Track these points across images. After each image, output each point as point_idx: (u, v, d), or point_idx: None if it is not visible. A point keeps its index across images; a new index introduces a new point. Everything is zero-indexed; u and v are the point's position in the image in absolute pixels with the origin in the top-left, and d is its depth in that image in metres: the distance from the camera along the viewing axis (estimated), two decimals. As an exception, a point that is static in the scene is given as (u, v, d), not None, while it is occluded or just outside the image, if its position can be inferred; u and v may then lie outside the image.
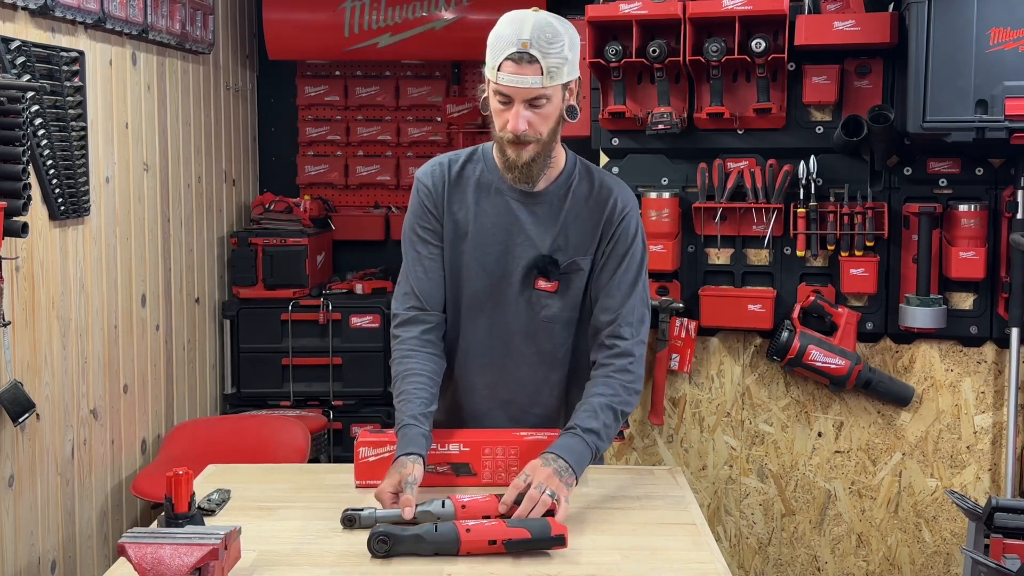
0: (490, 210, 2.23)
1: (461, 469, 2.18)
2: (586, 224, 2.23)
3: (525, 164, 2.14)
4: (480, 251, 2.23)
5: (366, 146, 5.02)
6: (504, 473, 2.18)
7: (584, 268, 2.23)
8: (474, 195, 2.24)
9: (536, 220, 2.22)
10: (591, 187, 2.24)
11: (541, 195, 2.22)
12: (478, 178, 2.25)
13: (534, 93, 2.07)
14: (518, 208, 2.23)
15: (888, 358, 3.26)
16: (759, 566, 3.39)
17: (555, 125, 2.14)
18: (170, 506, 1.83)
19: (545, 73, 2.05)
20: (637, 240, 2.24)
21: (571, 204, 2.23)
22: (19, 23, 2.76)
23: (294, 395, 4.41)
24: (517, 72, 2.05)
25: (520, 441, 2.19)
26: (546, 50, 2.05)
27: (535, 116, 2.09)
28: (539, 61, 2.04)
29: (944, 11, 2.82)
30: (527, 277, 2.23)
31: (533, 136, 2.11)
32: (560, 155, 2.24)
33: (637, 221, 2.26)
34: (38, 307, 2.84)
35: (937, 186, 3.17)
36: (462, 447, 2.18)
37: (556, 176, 2.23)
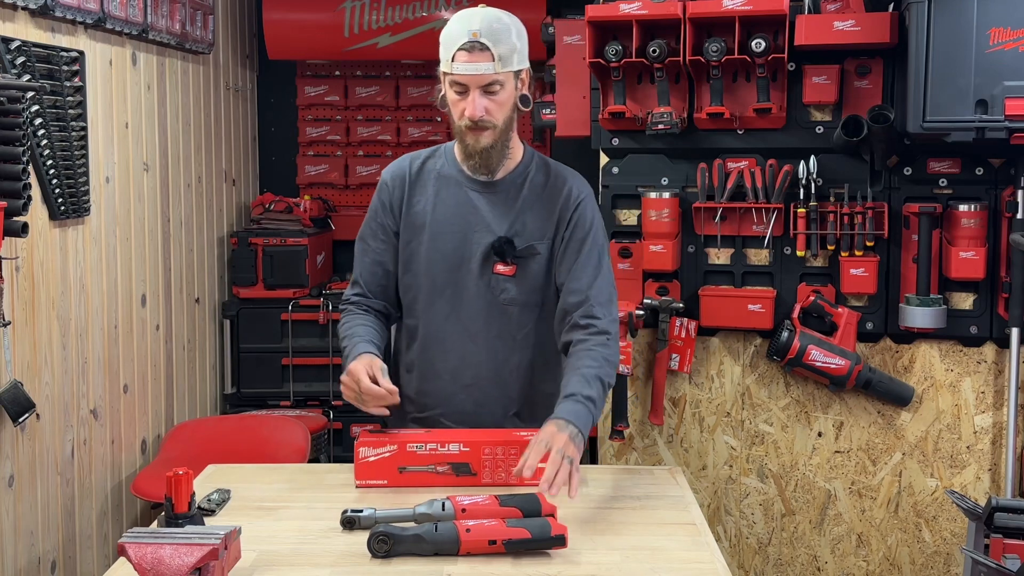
0: (449, 200, 2.36)
1: (461, 469, 2.19)
2: (542, 211, 2.35)
3: (484, 150, 2.29)
4: (439, 239, 2.35)
5: (366, 146, 5.02)
6: (504, 473, 2.18)
7: (542, 253, 2.34)
8: (434, 187, 2.38)
9: (493, 207, 2.35)
10: (547, 177, 2.38)
11: (499, 184, 2.36)
12: (439, 171, 2.40)
13: (488, 79, 2.22)
14: (476, 197, 2.36)
15: (888, 358, 3.26)
16: (759, 566, 3.39)
17: (510, 113, 2.29)
18: (170, 506, 1.83)
19: (496, 59, 2.21)
20: (595, 226, 2.36)
21: (528, 192, 2.36)
22: (19, 23, 2.76)
23: (294, 395, 4.41)
24: (470, 60, 2.21)
25: (520, 441, 2.19)
26: (496, 39, 2.21)
27: (490, 103, 2.24)
28: (490, 49, 2.20)
29: (944, 11, 2.82)
30: (486, 262, 2.34)
31: (490, 122, 2.25)
32: (517, 147, 2.38)
33: (593, 208, 2.38)
34: (38, 307, 2.84)
35: (937, 186, 3.17)
36: (462, 447, 2.19)
37: (514, 167, 2.37)
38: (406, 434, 2.25)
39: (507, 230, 2.33)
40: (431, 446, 2.19)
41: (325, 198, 4.91)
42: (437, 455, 2.18)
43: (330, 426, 4.31)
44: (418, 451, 2.19)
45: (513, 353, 2.37)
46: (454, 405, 2.38)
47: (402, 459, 2.19)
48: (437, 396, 2.40)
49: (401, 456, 2.19)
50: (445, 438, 2.21)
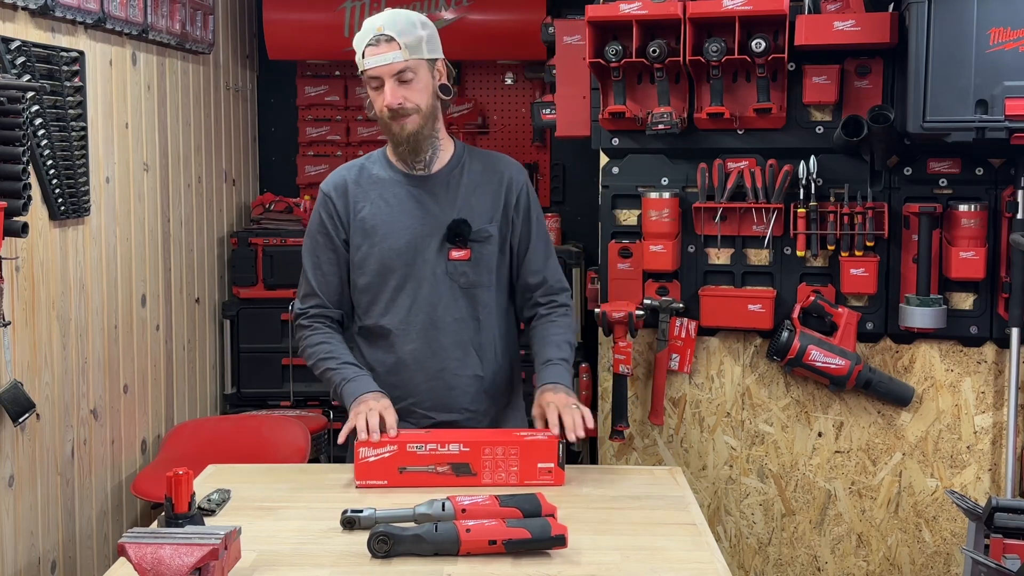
0: (392, 200, 2.47)
1: (461, 469, 2.19)
2: (486, 194, 2.49)
3: (410, 135, 2.40)
4: (390, 238, 2.45)
5: (366, 146, 5.01)
6: (504, 473, 2.18)
7: (493, 234, 2.48)
8: (376, 191, 2.49)
9: (437, 200, 2.48)
10: (483, 163, 2.53)
11: (436, 177, 2.49)
12: (376, 175, 2.51)
13: (398, 67, 2.34)
14: (418, 193, 2.47)
15: (888, 358, 3.26)
16: (759, 566, 3.39)
17: (431, 100, 2.41)
18: (170, 506, 1.83)
19: (403, 48, 2.34)
20: (537, 206, 2.57)
21: (468, 179, 2.50)
22: (19, 23, 2.76)
23: (294, 395, 4.41)
24: (377, 53, 2.34)
25: (520, 441, 2.20)
26: (399, 30, 2.35)
27: (407, 90, 2.36)
28: (395, 39, 2.34)
29: (944, 11, 2.82)
30: (440, 251, 2.45)
31: (411, 107, 2.37)
32: (448, 140, 2.53)
33: (532, 189, 2.58)
34: (38, 307, 2.84)
35: (937, 186, 3.17)
36: (462, 447, 2.19)
37: (448, 159, 2.51)
38: (406, 434, 2.25)
39: (454, 217, 2.45)
40: (431, 446, 2.19)
41: (325, 198, 4.90)
42: (437, 455, 2.19)
43: (330, 426, 4.30)
44: (418, 451, 2.19)
45: (477, 333, 2.49)
46: (425, 392, 2.47)
47: (402, 459, 2.19)
48: (407, 387, 2.47)
49: (401, 456, 2.19)
50: (445, 438, 2.21)
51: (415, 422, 2.47)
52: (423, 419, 2.47)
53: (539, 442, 2.20)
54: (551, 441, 2.20)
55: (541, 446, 2.19)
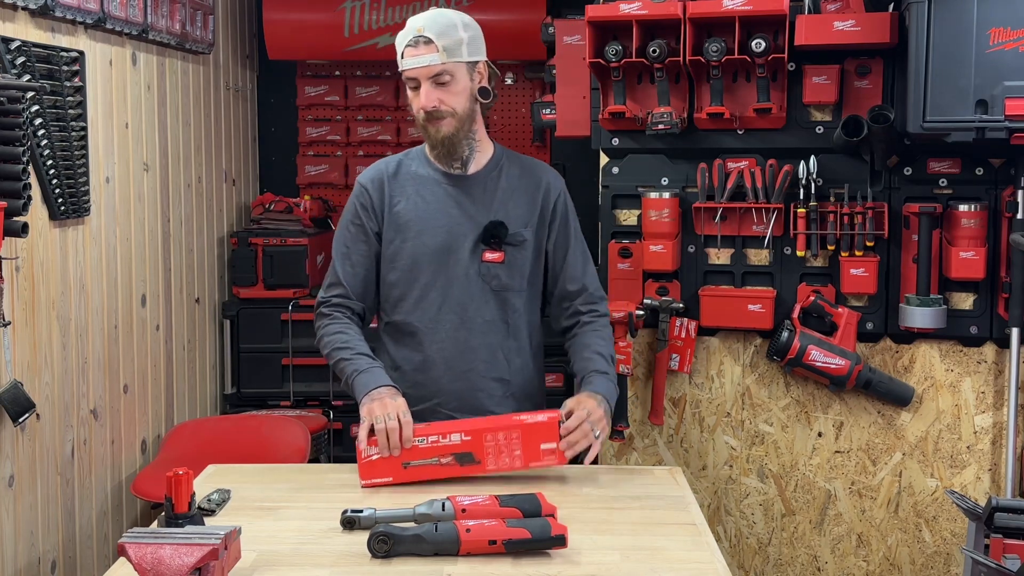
0: (429, 197, 2.45)
1: (465, 459, 2.18)
2: (523, 198, 2.48)
3: (445, 138, 2.38)
4: (424, 235, 2.43)
5: (366, 146, 5.02)
6: (508, 458, 2.17)
7: (528, 239, 2.45)
8: (413, 187, 2.46)
9: (473, 201, 2.44)
10: (521, 168, 2.51)
11: (474, 178, 2.46)
12: (414, 171, 2.48)
13: (435, 70, 2.32)
14: (455, 192, 2.45)
15: (888, 358, 3.26)
16: (759, 566, 3.39)
17: (468, 103, 2.39)
18: (170, 506, 1.83)
19: (441, 51, 2.31)
20: (574, 214, 2.55)
21: (505, 183, 2.46)
22: (19, 23, 2.76)
23: (294, 395, 4.41)
24: (415, 55, 2.33)
25: (521, 425, 2.19)
26: (439, 31, 2.32)
27: (443, 93, 2.35)
28: (434, 41, 2.31)
29: (944, 11, 2.82)
30: (475, 252, 2.42)
31: (446, 110, 2.36)
32: (487, 142, 2.51)
33: (569, 197, 2.55)
34: (38, 307, 2.84)
35: (937, 186, 3.17)
36: (463, 436, 2.18)
37: (486, 161, 2.49)
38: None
39: (490, 219, 2.43)
40: (433, 438, 2.19)
41: (325, 198, 4.91)
42: (440, 447, 2.19)
43: (330, 426, 4.30)
44: (420, 444, 2.19)
45: (507, 337, 2.46)
46: (451, 393, 2.44)
47: (405, 454, 2.19)
48: (433, 387, 2.45)
49: (404, 451, 2.19)
50: (445, 429, 2.21)
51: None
52: (447, 419, 2.41)
53: (540, 424, 2.19)
54: (552, 422, 2.20)
55: (542, 428, 2.19)
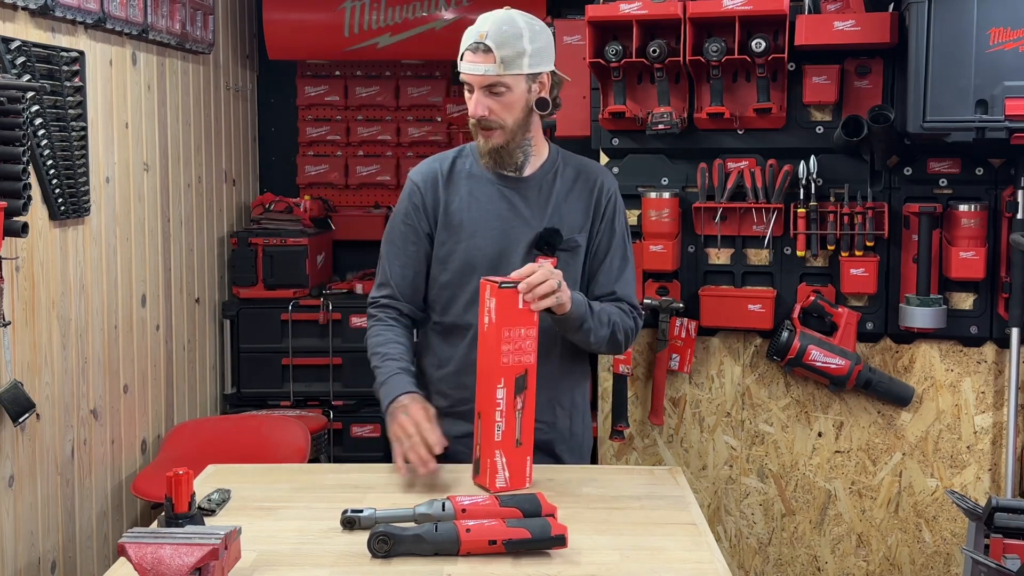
0: (483, 198, 2.38)
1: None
2: (577, 203, 2.39)
3: (492, 150, 2.33)
4: (477, 236, 2.36)
5: (366, 146, 5.02)
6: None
7: (582, 245, 2.38)
8: (466, 186, 2.39)
9: (528, 203, 2.37)
10: (577, 171, 2.42)
11: (529, 180, 2.39)
12: (468, 170, 2.41)
13: (489, 80, 2.24)
14: (509, 194, 2.38)
15: (888, 358, 3.26)
16: (759, 566, 3.39)
17: (521, 115, 2.31)
18: (170, 506, 1.83)
19: (499, 62, 2.23)
20: (623, 219, 2.45)
21: (560, 186, 2.39)
22: (19, 23, 2.76)
23: (294, 395, 4.41)
24: (473, 61, 2.24)
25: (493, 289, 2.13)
26: (500, 41, 2.23)
27: (495, 103, 2.27)
28: (493, 51, 2.22)
29: (944, 11, 2.82)
30: (528, 256, 2.34)
31: (496, 122, 2.28)
32: (543, 145, 2.42)
33: (621, 200, 2.46)
34: (38, 307, 2.84)
35: (937, 186, 3.17)
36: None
37: (541, 163, 2.40)
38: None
39: (545, 224, 2.36)
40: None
41: (325, 198, 4.91)
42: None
43: (330, 426, 4.31)
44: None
45: (555, 345, 2.37)
46: None
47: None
48: (471, 388, 2.32)
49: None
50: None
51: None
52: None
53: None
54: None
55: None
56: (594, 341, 2.31)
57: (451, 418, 2.41)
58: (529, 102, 2.31)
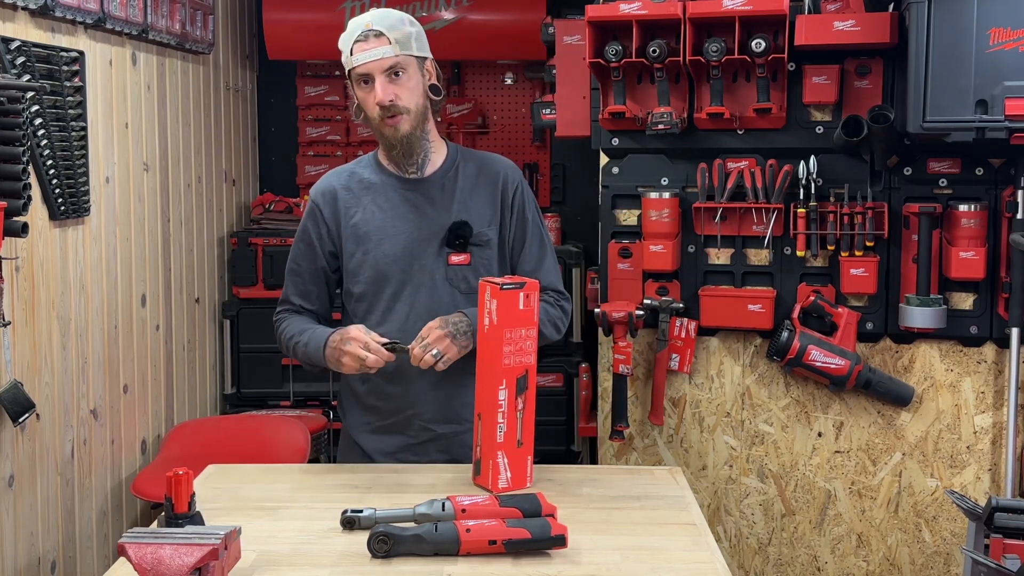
0: (386, 205, 2.40)
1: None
2: (482, 197, 2.42)
3: (404, 137, 2.33)
4: (385, 243, 2.37)
5: (366, 146, 5.01)
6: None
7: (492, 238, 2.40)
8: (367, 197, 2.41)
9: (432, 203, 2.39)
10: (478, 166, 2.45)
11: (430, 180, 2.41)
12: (367, 180, 2.42)
13: (389, 62, 2.27)
14: (412, 197, 2.40)
15: (888, 358, 3.26)
16: (759, 566, 3.39)
17: (421, 100, 2.34)
18: (170, 506, 1.83)
19: (393, 43, 2.27)
20: (534, 207, 2.48)
21: (463, 183, 2.41)
22: (19, 23, 2.76)
23: (294, 395, 4.41)
24: (367, 48, 2.28)
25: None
26: (388, 25, 2.29)
27: (397, 87, 2.29)
28: (385, 34, 2.27)
29: (944, 11, 2.82)
30: (439, 256, 2.37)
31: (402, 107, 2.30)
32: (440, 142, 2.45)
33: (528, 189, 2.49)
34: (38, 307, 2.84)
35: (937, 186, 3.17)
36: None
37: (441, 162, 2.43)
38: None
39: (452, 220, 2.38)
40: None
41: (325, 198, 4.90)
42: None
43: (330, 426, 4.30)
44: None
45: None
46: (426, 403, 2.39)
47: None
48: (407, 397, 2.39)
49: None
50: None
51: (414, 435, 2.41)
52: (423, 431, 2.40)
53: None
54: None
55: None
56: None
57: (382, 434, 2.42)
58: (424, 87, 2.35)
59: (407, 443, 2.42)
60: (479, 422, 2.14)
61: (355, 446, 2.47)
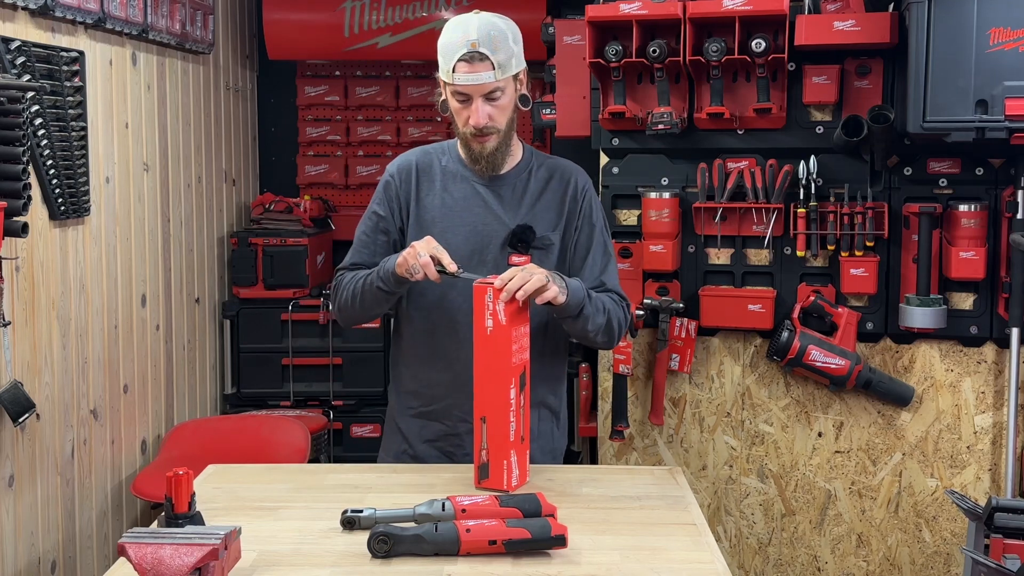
0: (457, 194, 2.40)
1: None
2: (551, 202, 2.41)
3: (490, 154, 2.34)
4: (449, 232, 2.37)
5: (366, 146, 5.02)
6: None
7: (555, 243, 2.39)
8: (441, 182, 2.42)
9: (502, 201, 2.39)
10: (551, 171, 2.45)
11: (504, 178, 2.41)
12: (444, 167, 2.43)
13: (490, 88, 2.27)
14: (484, 192, 2.40)
15: (888, 358, 3.26)
16: (759, 566, 3.39)
17: (512, 115, 2.36)
18: (170, 506, 1.83)
19: (496, 67, 2.25)
20: (600, 214, 2.47)
21: (534, 185, 2.41)
22: (19, 23, 2.76)
23: (294, 395, 4.41)
24: (471, 71, 2.25)
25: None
26: (494, 47, 2.25)
27: (493, 109, 2.30)
28: (489, 57, 2.24)
29: (944, 11, 2.82)
30: (501, 254, 2.36)
31: (494, 127, 2.31)
32: (518, 145, 2.45)
33: (596, 196, 2.48)
34: (38, 307, 2.84)
35: (937, 186, 3.17)
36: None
37: (516, 162, 2.43)
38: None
39: (519, 222, 2.38)
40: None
41: (325, 198, 4.91)
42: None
43: (330, 426, 4.31)
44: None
45: (534, 345, 2.33)
46: (468, 393, 2.33)
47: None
48: (449, 386, 2.38)
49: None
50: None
51: (452, 425, 2.39)
52: (461, 422, 2.38)
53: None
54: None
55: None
56: (591, 329, 2.31)
57: (423, 419, 2.43)
58: (516, 101, 2.35)
59: (446, 432, 2.41)
60: (483, 425, 2.15)
61: (396, 430, 2.48)
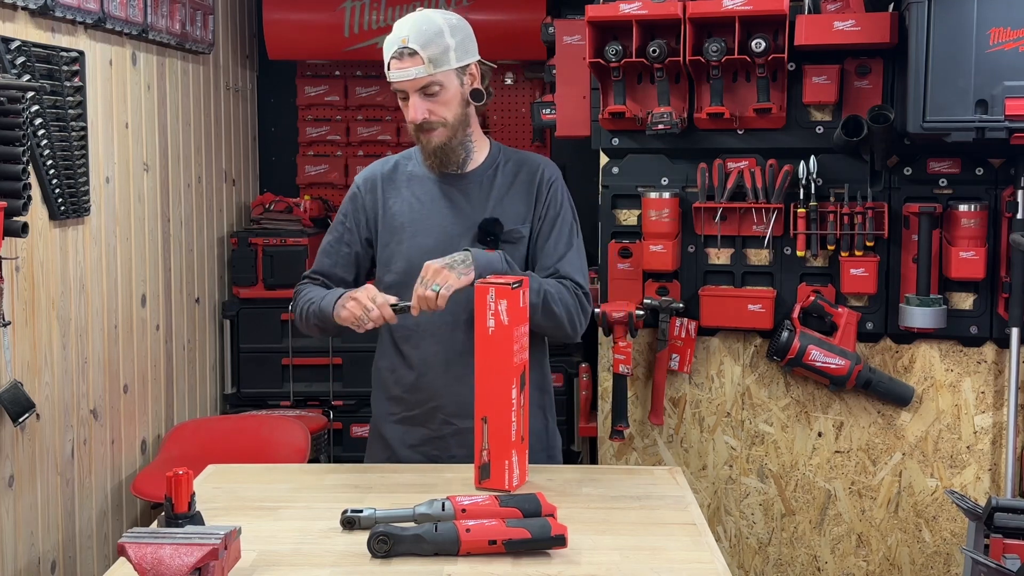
0: (424, 197, 2.42)
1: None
2: (519, 195, 2.41)
3: (437, 148, 2.35)
4: (419, 235, 2.39)
5: (366, 146, 5.02)
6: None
7: (525, 235, 2.39)
8: (408, 187, 2.44)
9: (470, 199, 2.40)
10: (519, 164, 2.45)
11: (470, 176, 2.42)
12: (411, 172, 2.45)
13: (421, 82, 2.27)
14: (449, 192, 2.41)
15: (888, 358, 3.26)
16: (759, 566, 3.39)
17: (460, 110, 2.34)
18: (170, 506, 1.83)
19: (427, 62, 2.26)
20: (566, 205, 2.44)
21: (501, 179, 2.42)
22: (19, 23, 2.76)
23: (294, 395, 4.41)
24: (400, 67, 2.28)
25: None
26: (424, 42, 2.25)
27: (433, 104, 2.30)
28: (418, 52, 2.25)
29: (944, 11, 2.82)
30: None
31: (436, 122, 2.31)
32: (483, 141, 2.46)
33: (564, 188, 2.47)
34: (38, 307, 2.84)
35: (937, 186, 3.17)
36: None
37: (482, 159, 2.43)
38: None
39: (486, 217, 2.38)
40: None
41: (325, 198, 4.91)
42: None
43: (330, 426, 4.31)
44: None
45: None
46: (448, 397, 2.38)
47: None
48: (431, 390, 2.39)
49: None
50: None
51: (436, 428, 2.40)
52: (445, 425, 2.39)
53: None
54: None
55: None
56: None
57: (406, 425, 2.42)
58: (464, 95, 2.35)
59: (429, 436, 2.41)
60: (484, 425, 2.14)
61: (379, 437, 2.48)
